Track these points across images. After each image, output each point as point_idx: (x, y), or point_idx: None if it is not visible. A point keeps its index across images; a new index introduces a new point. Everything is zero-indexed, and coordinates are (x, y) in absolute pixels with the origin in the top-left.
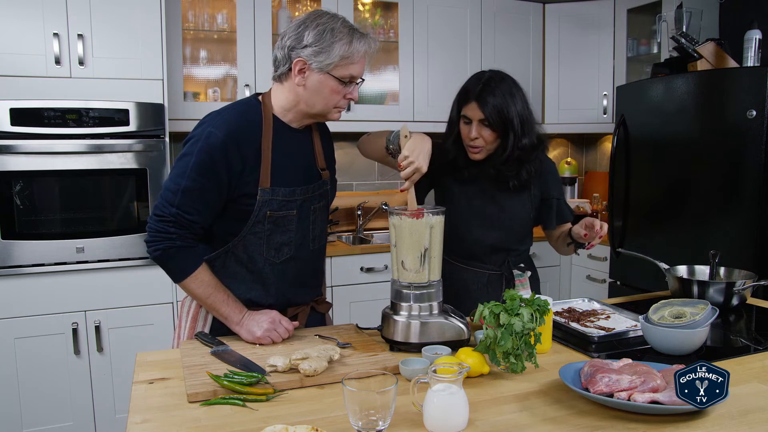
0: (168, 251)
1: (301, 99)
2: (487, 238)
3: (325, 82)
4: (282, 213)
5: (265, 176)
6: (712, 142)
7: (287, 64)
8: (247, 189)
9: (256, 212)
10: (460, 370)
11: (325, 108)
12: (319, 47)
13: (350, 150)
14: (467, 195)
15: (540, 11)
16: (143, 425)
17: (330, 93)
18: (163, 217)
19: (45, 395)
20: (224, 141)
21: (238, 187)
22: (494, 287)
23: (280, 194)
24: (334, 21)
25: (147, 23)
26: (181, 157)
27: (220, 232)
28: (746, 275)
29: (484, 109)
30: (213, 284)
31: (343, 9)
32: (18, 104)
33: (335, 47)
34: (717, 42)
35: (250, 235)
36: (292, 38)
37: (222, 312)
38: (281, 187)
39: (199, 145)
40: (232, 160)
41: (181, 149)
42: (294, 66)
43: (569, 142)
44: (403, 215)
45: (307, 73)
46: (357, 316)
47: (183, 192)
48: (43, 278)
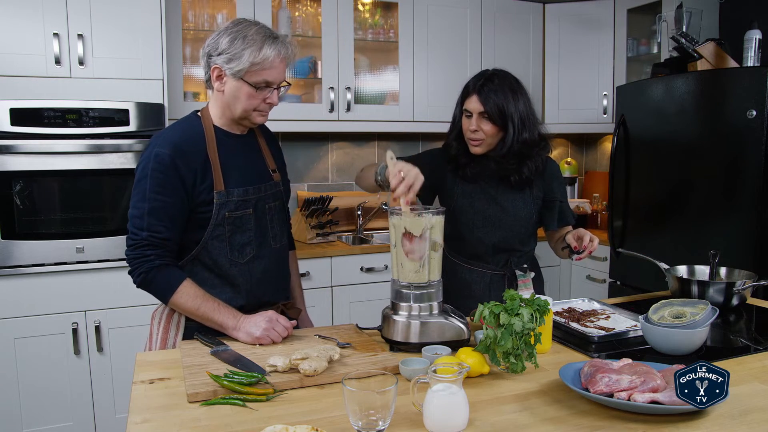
0: (149, 273)
1: (224, 104)
2: (489, 238)
3: (241, 88)
4: (239, 213)
5: (218, 180)
6: (712, 142)
7: (207, 71)
8: (203, 196)
9: (214, 216)
10: (460, 370)
11: (244, 112)
12: (231, 54)
13: (350, 150)
14: (470, 195)
15: (540, 11)
16: (143, 425)
17: (247, 98)
18: (137, 243)
19: (45, 395)
20: (171, 156)
21: (195, 196)
22: (497, 287)
23: (234, 195)
24: (248, 28)
25: (147, 23)
26: (137, 183)
27: (183, 242)
28: (746, 275)
29: (484, 101)
30: (200, 295)
31: (343, 9)
32: (18, 104)
33: (245, 54)
34: (717, 42)
35: (212, 239)
36: (210, 45)
37: (216, 320)
38: (235, 188)
39: (150, 166)
40: (183, 172)
41: (135, 172)
42: (212, 72)
43: (569, 142)
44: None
45: (224, 79)
46: (357, 316)
47: (148, 214)
48: (43, 278)
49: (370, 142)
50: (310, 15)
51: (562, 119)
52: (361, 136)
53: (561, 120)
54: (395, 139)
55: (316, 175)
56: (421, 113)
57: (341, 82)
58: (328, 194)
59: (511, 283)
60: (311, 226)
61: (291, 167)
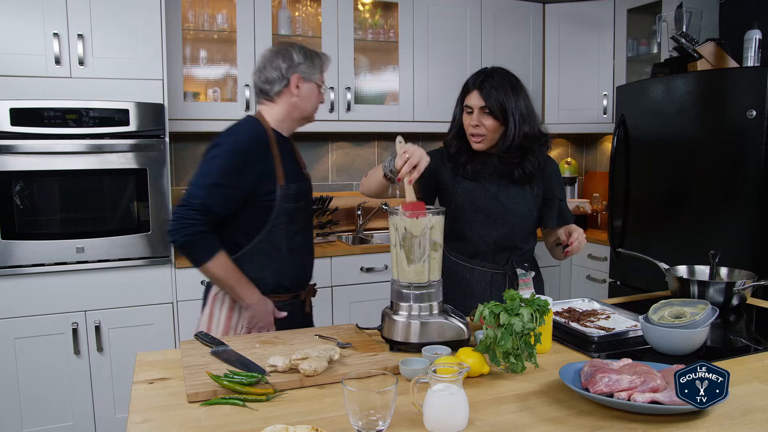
0: (195, 236)
1: (296, 107)
2: (491, 236)
3: (313, 89)
4: (295, 205)
5: (280, 175)
6: (712, 142)
7: (284, 81)
8: (267, 187)
9: (277, 207)
10: (460, 370)
11: (314, 109)
12: (308, 63)
13: (350, 150)
14: (470, 193)
15: (540, 11)
16: (143, 425)
17: (316, 97)
18: (190, 206)
19: (45, 395)
20: (248, 146)
21: (260, 186)
22: (498, 286)
23: (292, 189)
24: (302, 45)
25: (147, 23)
26: (210, 159)
27: (246, 229)
28: (746, 275)
29: (485, 96)
30: (232, 268)
31: (343, 9)
32: (18, 104)
33: (316, 61)
34: (717, 42)
35: (274, 227)
36: (284, 61)
37: (238, 292)
38: (292, 183)
39: (227, 148)
40: (253, 161)
41: (206, 153)
42: (291, 80)
43: (569, 142)
44: (403, 215)
45: (302, 84)
46: (357, 316)
47: (210, 186)
48: (43, 278)
49: (370, 142)
50: (310, 15)
51: (562, 119)
52: (361, 136)
53: (561, 120)
54: (395, 139)
55: (316, 175)
56: (421, 113)
57: (341, 82)
58: (328, 194)
59: (512, 282)
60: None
61: None
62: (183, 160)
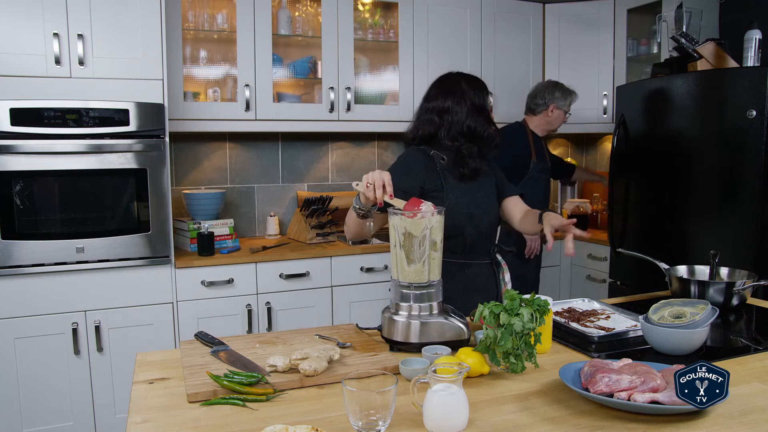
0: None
1: (548, 123)
2: (482, 224)
3: (560, 114)
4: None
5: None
6: (712, 142)
7: (545, 106)
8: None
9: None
10: (460, 370)
11: (558, 126)
12: (562, 99)
13: (350, 150)
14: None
15: (540, 11)
16: (143, 425)
17: (560, 120)
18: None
19: (45, 395)
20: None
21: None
22: (492, 276)
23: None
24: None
25: (147, 23)
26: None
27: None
28: (746, 275)
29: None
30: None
31: (343, 9)
32: (18, 104)
33: (567, 99)
34: (717, 42)
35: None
36: (548, 93)
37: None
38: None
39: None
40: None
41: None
42: (548, 106)
43: (569, 142)
44: (403, 215)
45: (554, 110)
46: (357, 316)
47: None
48: (43, 278)
49: (370, 142)
50: (310, 15)
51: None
52: (361, 136)
53: None
54: (395, 139)
55: (316, 175)
56: None
57: (341, 82)
58: (328, 194)
59: (499, 265)
60: (311, 226)
61: (291, 167)
62: (183, 160)
